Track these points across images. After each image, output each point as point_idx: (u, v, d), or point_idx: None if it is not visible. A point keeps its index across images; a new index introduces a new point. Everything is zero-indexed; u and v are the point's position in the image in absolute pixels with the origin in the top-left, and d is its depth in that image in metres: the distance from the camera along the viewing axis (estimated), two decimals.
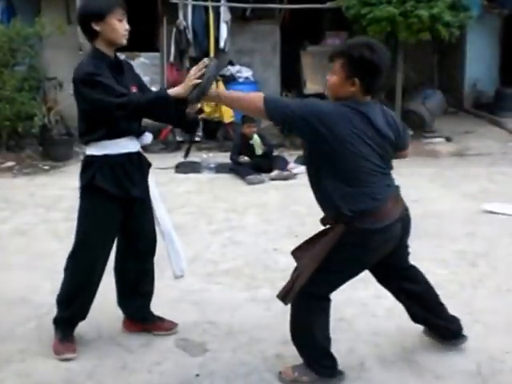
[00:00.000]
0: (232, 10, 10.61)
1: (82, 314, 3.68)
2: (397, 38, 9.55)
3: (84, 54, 10.00)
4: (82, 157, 9.56)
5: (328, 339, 3.29)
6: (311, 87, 10.69)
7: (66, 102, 10.16)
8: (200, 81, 3.18)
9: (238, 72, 10.78)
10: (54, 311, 4.01)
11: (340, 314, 3.92)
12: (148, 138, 3.63)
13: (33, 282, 4.62)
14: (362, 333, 3.68)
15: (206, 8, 10.38)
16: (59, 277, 4.67)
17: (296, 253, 3.26)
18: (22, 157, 8.95)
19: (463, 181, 7.87)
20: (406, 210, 3.30)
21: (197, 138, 10.40)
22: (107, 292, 4.36)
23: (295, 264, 3.24)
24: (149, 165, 3.71)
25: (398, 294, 3.51)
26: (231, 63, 10.85)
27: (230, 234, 5.77)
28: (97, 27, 3.33)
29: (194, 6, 10.34)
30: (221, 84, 10.32)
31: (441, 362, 3.47)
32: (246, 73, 10.85)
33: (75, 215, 6.11)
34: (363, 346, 3.66)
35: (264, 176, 8.01)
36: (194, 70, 3.25)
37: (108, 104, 3.21)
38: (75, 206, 3.76)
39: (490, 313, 4.08)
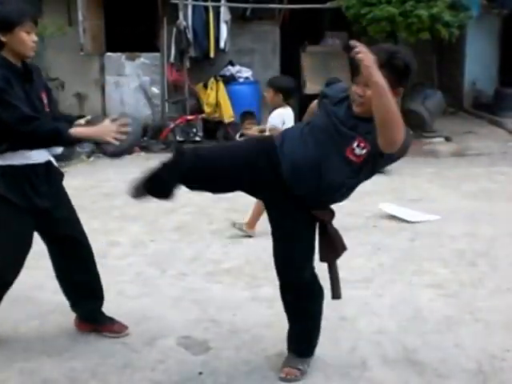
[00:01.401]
0: (232, 10, 10.64)
1: None
2: (396, 37, 9.60)
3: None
4: (83, 157, 9.66)
5: None
6: (311, 87, 10.70)
7: (68, 102, 10.27)
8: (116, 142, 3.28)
9: (237, 72, 10.81)
10: (57, 310, 4.09)
11: (341, 313, 3.95)
12: (57, 148, 3.60)
13: (36, 281, 4.61)
14: (363, 332, 3.71)
15: (206, 8, 10.42)
16: None
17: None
18: None
19: (463, 180, 7.92)
20: None
21: (197, 138, 10.45)
22: (109, 291, 4.42)
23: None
24: (60, 174, 3.68)
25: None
26: (231, 63, 10.87)
27: (230, 234, 5.79)
28: (3, 38, 3.24)
29: (194, 7, 10.38)
30: (221, 84, 10.37)
31: (442, 361, 3.49)
32: (246, 73, 10.88)
33: (79, 215, 6.18)
34: (365, 344, 3.67)
35: None
36: (115, 126, 3.30)
37: (9, 127, 3.18)
38: (76, 205, 3.79)
39: (491, 311, 4.11)
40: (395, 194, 7.19)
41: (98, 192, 7.46)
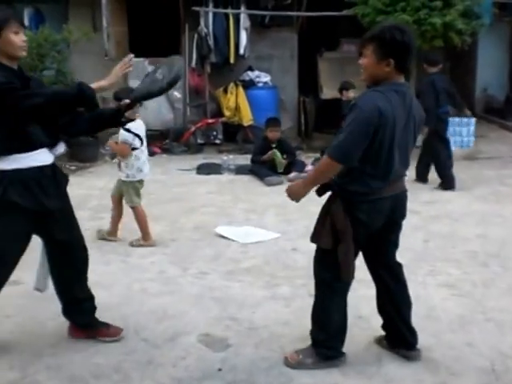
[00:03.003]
0: (251, 17, 10.78)
1: None
2: None
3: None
4: (107, 158, 9.82)
5: (343, 319, 3.48)
6: (328, 92, 10.85)
7: None
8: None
9: (256, 77, 10.95)
10: None
11: (358, 312, 4.03)
12: (61, 147, 3.57)
13: None
14: (379, 330, 3.76)
15: (227, 15, 10.59)
16: (89, 274, 4.87)
17: None
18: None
19: (475, 183, 8.01)
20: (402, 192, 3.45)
21: (217, 141, 10.61)
22: (132, 289, 4.55)
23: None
24: (65, 176, 3.69)
25: (377, 281, 3.60)
26: (250, 69, 11.02)
27: None
28: None
29: (214, 14, 10.57)
30: (240, 89, 10.51)
31: (455, 359, 3.55)
32: (265, 78, 11.02)
33: (102, 214, 6.36)
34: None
35: (282, 177, 8.16)
36: (120, 65, 3.37)
37: (25, 107, 3.16)
38: (102, 205, 3.85)
39: (502, 311, 4.18)
40: (409, 196, 7.23)
41: None
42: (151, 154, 10.11)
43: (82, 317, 3.83)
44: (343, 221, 3.23)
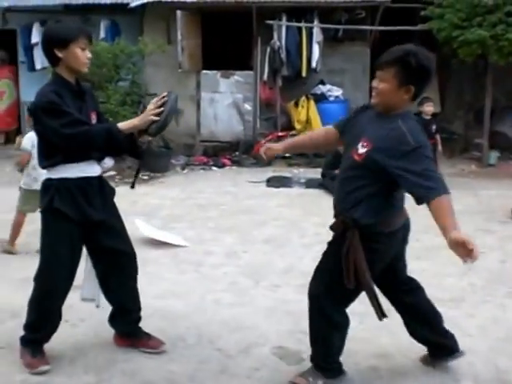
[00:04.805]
0: (324, 31, 10.79)
1: (50, 334, 3.66)
2: (487, 60, 9.59)
3: (182, 71, 10.49)
4: (178, 169, 9.99)
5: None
6: None
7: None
8: (158, 118, 3.33)
9: (328, 91, 10.94)
10: (157, 314, 4.27)
11: None
12: (108, 163, 3.61)
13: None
14: None
15: (300, 29, 10.62)
16: (161, 282, 4.94)
17: None
18: (122, 167, 9.35)
19: None
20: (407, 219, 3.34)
21: (287, 154, 10.63)
22: (205, 298, 4.59)
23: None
24: (112, 189, 3.70)
25: (398, 306, 3.53)
26: (322, 82, 11.01)
27: (320, 248, 5.79)
28: (59, 54, 3.36)
29: (287, 27, 10.62)
30: (312, 102, 10.52)
31: None
32: (337, 92, 10.99)
33: (173, 224, 6.45)
34: (457, 364, 3.63)
35: None
36: (152, 104, 3.37)
37: (60, 134, 3.26)
38: (173, 214, 3.90)
39: None
40: (483, 215, 7.15)
41: (193, 203, 7.70)
42: (221, 165, 10.26)
43: (128, 326, 3.87)
44: (363, 258, 3.13)
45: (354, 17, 10.79)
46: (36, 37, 11.33)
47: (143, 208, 7.28)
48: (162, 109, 3.34)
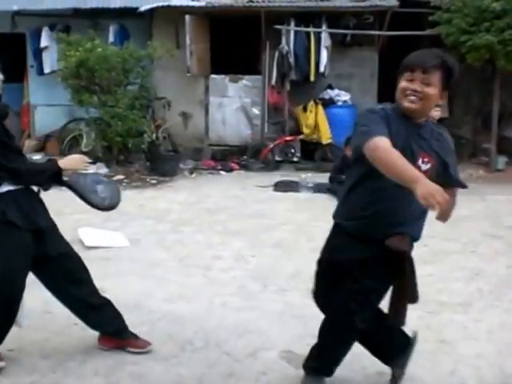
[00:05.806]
0: (332, 35, 10.80)
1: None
2: (494, 65, 9.63)
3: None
4: (186, 173, 10.04)
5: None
6: None
7: (174, 120, 10.69)
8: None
9: (336, 96, 10.95)
10: (165, 317, 4.29)
11: (441, 336, 3.98)
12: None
13: (145, 289, 4.87)
14: (462, 355, 3.70)
15: (308, 34, 10.65)
16: (169, 285, 4.96)
17: None
18: (130, 171, 9.42)
19: None
20: None
21: (295, 159, 10.67)
22: (213, 302, 4.60)
23: None
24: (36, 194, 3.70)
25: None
26: (330, 87, 11.03)
27: None
28: None
29: (296, 32, 10.64)
30: (320, 107, 10.54)
31: None
32: (345, 97, 11.00)
33: (182, 228, 6.48)
34: (464, 368, 3.68)
35: None
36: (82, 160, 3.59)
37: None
38: (182, 218, 3.90)
39: None
40: (491, 220, 7.14)
41: (202, 207, 7.72)
42: (229, 169, 10.29)
43: (110, 323, 3.81)
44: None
45: (362, 22, 10.81)
46: (45, 41, 11.41)
47: (151, 212, 7.32)
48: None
